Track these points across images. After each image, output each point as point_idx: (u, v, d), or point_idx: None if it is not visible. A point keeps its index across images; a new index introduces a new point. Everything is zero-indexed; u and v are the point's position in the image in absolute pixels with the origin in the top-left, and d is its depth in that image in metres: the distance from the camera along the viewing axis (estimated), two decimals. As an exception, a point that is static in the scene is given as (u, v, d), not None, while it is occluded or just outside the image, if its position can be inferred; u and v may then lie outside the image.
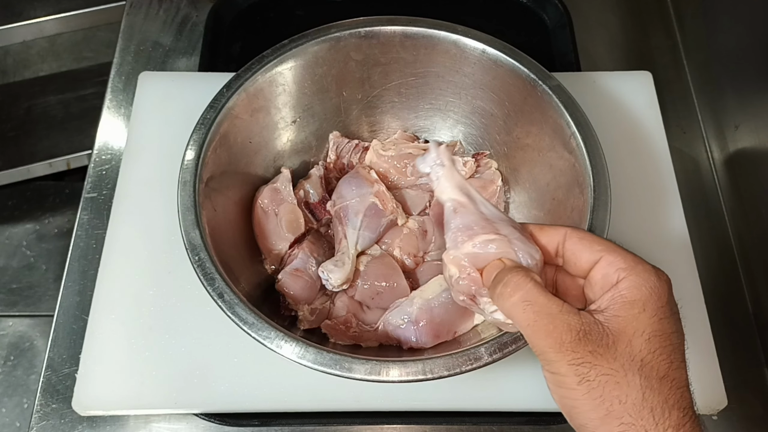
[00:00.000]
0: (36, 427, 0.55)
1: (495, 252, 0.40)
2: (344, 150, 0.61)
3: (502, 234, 0.41)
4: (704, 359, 0.54)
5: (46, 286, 1.25)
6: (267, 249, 0.57)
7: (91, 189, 0.65)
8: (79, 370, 0.53)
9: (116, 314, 0.55)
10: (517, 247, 0.40)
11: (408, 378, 0.43)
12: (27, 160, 1.23)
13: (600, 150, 0.51)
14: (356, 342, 0.53)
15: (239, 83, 0.54)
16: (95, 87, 1.29)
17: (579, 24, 0.77)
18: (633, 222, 0.59)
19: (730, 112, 0.68)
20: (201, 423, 0.55)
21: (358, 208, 0.56)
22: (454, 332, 0.52)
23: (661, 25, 0.81)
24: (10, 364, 1.19)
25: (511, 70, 0.55)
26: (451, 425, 0.55)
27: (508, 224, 0.42)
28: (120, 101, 0.71)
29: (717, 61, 0.72)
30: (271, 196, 0.57)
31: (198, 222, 0.48)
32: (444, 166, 0.49)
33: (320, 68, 0.58)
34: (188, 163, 0.50)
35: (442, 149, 0.50)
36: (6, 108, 1.27)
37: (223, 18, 0.78)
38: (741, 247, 0.66)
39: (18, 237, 1.29)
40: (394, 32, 0.57)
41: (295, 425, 0.54)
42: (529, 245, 0.40)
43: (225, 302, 0.45)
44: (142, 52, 0.75)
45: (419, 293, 0.53)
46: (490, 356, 0.43)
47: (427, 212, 0.59)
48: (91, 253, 0.61)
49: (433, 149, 0.50)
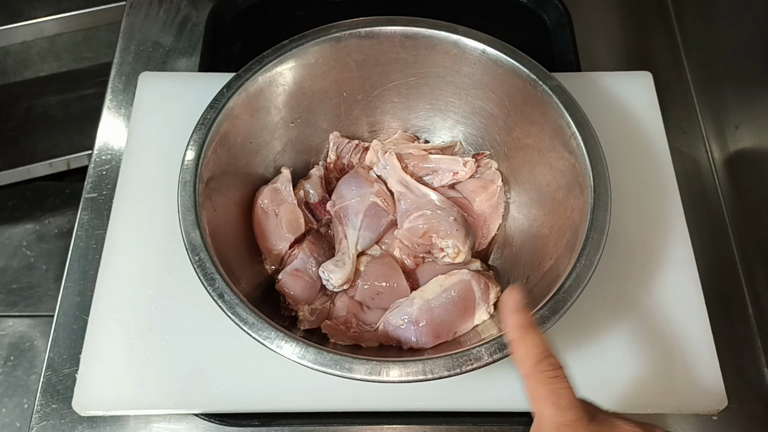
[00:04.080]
0: (36, 428, 0.55)
1: (422, 225, 0.54)
2: (344, 150, 0.61)
3: (428, 210, 0.55)
4: (704, 359, 0.54)
5: (46, 287, 1.25)
6: (267, 249, 0.57)
7: (92, 189, 0.65)
8: (79, 371, 0.53)
9: (116, 314, 0.55)
10: (437, 218, 0.54)
11: (408, 378, 0.43)
12: (27, 160, 1.23)
13: (600, 150, 0.51)
14: (356, 342, 0.53)
15: (239, 83, 0.54)
16: (95, 87, 1.29)
17: (579, 24, 0.77)
18: (633, 222, 0.59)
19: (730, 112, 0.68)
20: (201, 423, 0.55)
21: (358, 208, 0.56)
22: (454, 332, 0.52)
23: (662, 25, 0.81)
24: (11, 364, 1.19)
25: (511, 70, 0.55)
26: (451, 425, 0.55)
27: (436, 202, 0.56)
28: (120, 101, 0.71)
29: (717, 61, 0.72)
30: (271, 196, 0.57)
31: (198, 222, 0.48)
32: (387, 168, 0.59)
33: (320, 68, 0.58)
34: (188, 163, 0.50)
35: (387, 155, 0.59)
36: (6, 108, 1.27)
37: (223, 18, 0.78)
38: (741, 247, 0.66)
39: (18, 237, 1.29)
40: (395, 32, 0.57)
41: (295, 425, 0.54)
42: (447, 216, 0.54)
43: (225, 302, 0.45)
44: (142, 52, 0.75)
45: (419, 293, 0.53)
46: (490, 356, 0.43)
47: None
48: (91, 253, 0.61)
49: (381, 158, 0.60)
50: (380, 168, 0.60)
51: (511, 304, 0.40)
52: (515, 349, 0.39)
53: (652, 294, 0.56)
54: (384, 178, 0.59)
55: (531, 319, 0.39)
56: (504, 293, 0.41)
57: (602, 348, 0.54)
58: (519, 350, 0.38)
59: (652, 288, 0.57)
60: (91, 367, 0.53)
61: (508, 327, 0.40)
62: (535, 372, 0.37)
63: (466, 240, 0.55)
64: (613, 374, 0.53)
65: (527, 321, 0.39)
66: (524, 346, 0.38)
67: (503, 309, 0.40)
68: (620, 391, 0.52)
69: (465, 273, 0.54)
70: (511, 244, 0.59)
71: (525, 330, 0.39)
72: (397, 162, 0.59)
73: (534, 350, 0.38)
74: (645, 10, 0.82)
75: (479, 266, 0.57)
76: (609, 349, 0.54)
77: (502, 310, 0.41)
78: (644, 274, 0.57)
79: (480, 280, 0.53)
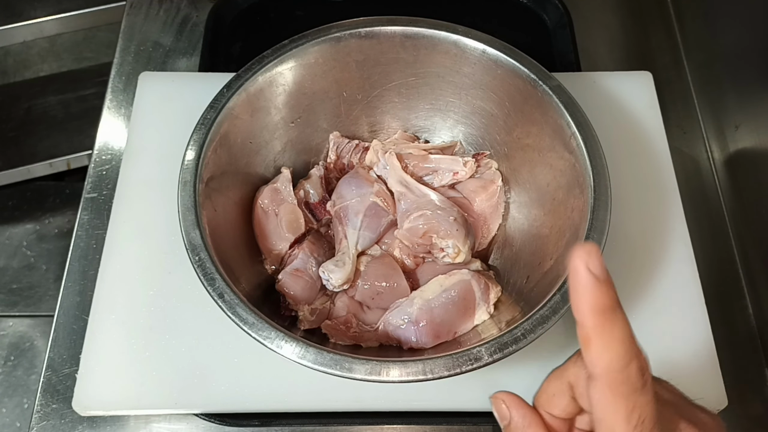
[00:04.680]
0: (36, 428, 0.55)
1: (422, 225, 0.54)
2: (344, 150, 0.61)
3: (428, 210, 0.54)
4: (704, 359, 0.54)
5: (46, 287, 1.25)
6: (267, 249, 0.57)
7: (92, 189, 0.65)
8: (79, 370, 0.53)
9: (116, 314, 0.55)
10: (437, 218, 0.54)
11: (408, 378, 0.43)
12: (27, 160, 1.23)
13: (600, 150, 0.51)
14: (356, 342, 0.53)
15: (239, 83, 0.54)
16: (95, 87, 1.29)
17: (579, 24, 0.77)
18: (633, 222, 0.59)
19: (730, 112, 0.68)
20: (201, 423, 0.55)
21: (358, 208, 0.56)
22: (455, 332, 0.52)
23: (661, 25, 0.81)
24: (11, 364, 1.19)
25: (511, 70, 0.55)
26: (451, 425, 0.55)
27: (436, 203, 0.55)
28: (120, 101, 0.71)
29: (717, 61, 0.72)
30: (271, 196, 0.57)
31: (198, 222, 0.48)
32: (387, 168, 0.59)
33: (320, 68, 0.58)
34: (188, 163, 0.50)
35: (387, 155, 0.59)
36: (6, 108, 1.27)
37: (223, 18, 0.78)
38: (741, 247, 0.66)
39: (18, 237, 1.29)
40: (395, 32, 0.57)
41: (295, 425, 0.54)
42: (447, 216, 0.54)
43: (225, 302, 0.45)
44: (142, 52, 0.75)
45: (419, 293, 0.53)
46: (490, 356, 0.43)
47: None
48: (91, 253, 0.61)
49: (381, 158, 0.59)
50: (380, 168, 0.60)
51: (588, 269, 0.27)
52: (592, 341, 0.28)
53: (652, 294, 0.56)
54: (384, 178, 0.59)
55: (616, 297, 0.28)
56: (576, 250, 0.28)
57: (602, 348, 0.54)
58: (597, 343, 0.28)
59: (652, 288, 0.56)
60: (91, 367, 0.53)
61: (584, 308, 0.28)
62: (619, 380, 0.28)
63: (467, 240, 0.55)
64: (613, 374, 0.53)
65: (613, 301, 0.28)
66: (607, 339, 0.28)
67: (576, 277, 0.28)
68: (620, 391, 0.52)
69: (465, 273, 0.54)
70: (511, 244, 0.59)
71: (610, 315, 0.28)
72: (397, 162, 0.59)
73: (620, 348, 0.28)
74: (645, 10, 0.82)
75: (479, 266, 0.57)
76: (609, 349, 0.54)
77: (575, 279, 0.28)
78: (644, 274, 0.57)
79: (480, 280, 0.53)
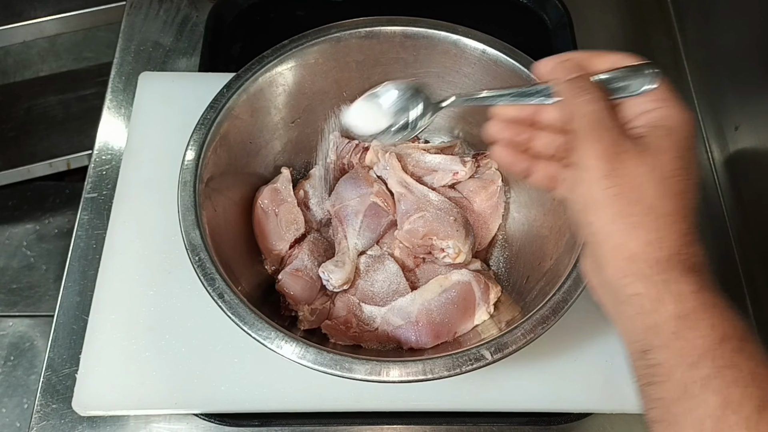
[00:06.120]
0: (36, 427, 0.55)
1: (422, 227, 0.54)
2: (344, 150, 0.61)
3: (428, 212, 0.55)
4: (704, 359, 0.54)
5: (46, 287, 1.25)
6: (267, 249, 0.57)
7: (92, 189, 0.65)
8: (79, 370, 0.53)
9: (116, 314, 0.55)
10: (437, 220, 0.54)
11: (408, 378, 0.43)
12: (27, 160, 1.23)
13: (600, 150, 0.50)
14: (356, 342, 0.53)
15: (239, 83, 0.54)
16: (95, 87, 1.29)
17: (579, 24, 0.77)
18: (633, 222, 0.59)
19: (730, 113, 0.68)
20: (201, 423, 0.55)
21: (358, 209, 0.56)
22: (454, 332, 0.52)
23: (661, 25, 0.81)
24: (11, 364, 1.19)
25: (511, 70, 0.55)
26: (451, 425, 0.55)
27: (436, 203, 0.56)
28: (120, 101, 0.71)
29: (717, 62, 0.72)
30: (271, 196, 0.57)
31: (198, 222, 0.48)
32: (387, 168, 0.59)
33: (320, 68, 0.58)
34: (188, 163, 0.50)
35: (387, 156, 0.59)
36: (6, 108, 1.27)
37: (223, 18, 0.78)
38: (741, 247, 0.66)
39: (18, 237, 1.29)
40: (395, 32, 0.57)
41: (295, 425, 0.54)
42: (447, 217, 0.54)
43: (225, 302, 0.45)
44: (142, 52, 0.75)
45: (419, 293, 0.53)
46: (490, 356, 0.43)
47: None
48: (91, 253, 0.61)
49: (381, 158, 0.59)
50: (380, 168, 0.60)
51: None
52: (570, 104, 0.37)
53: (652, 294, 0.56)
54: (384, 178, 0.59)
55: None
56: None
57: (602, 348, 0.54)
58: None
59: (652, 288, 0.56)
60: (91, 367, 0.53)
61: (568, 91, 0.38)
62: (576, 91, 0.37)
63: (467, 240, 0.55)
64: (613, 374, 0.53)
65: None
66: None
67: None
68: (620, 391, 0.52)
69: (465, 273, 0.54)
70: (511, 244, 0.59)
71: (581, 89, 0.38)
72: (397, 162, 0.58)
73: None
74: (645, 10, 0.82)
75: (479, 266, 0.57)
76: (609, 349, 0.54)
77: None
78: (644, 274, 0.57)
79: (480, 280, 0.53)
